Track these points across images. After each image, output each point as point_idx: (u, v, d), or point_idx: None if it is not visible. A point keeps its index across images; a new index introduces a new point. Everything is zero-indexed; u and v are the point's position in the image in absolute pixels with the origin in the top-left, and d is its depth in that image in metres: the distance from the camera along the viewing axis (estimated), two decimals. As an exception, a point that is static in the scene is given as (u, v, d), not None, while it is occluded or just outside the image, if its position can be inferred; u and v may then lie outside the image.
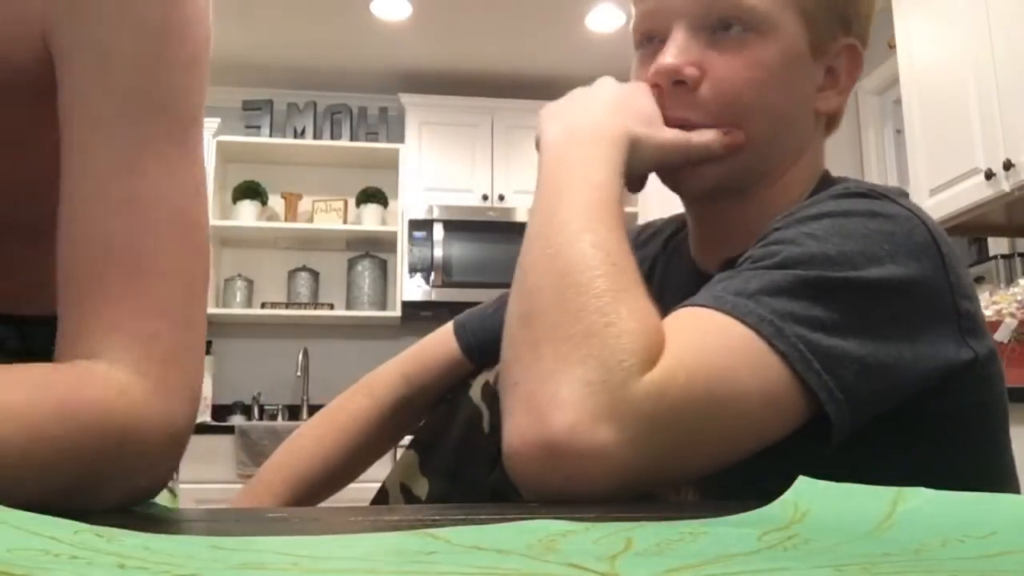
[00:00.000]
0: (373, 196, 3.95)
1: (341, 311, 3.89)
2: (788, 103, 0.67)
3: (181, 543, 0.25)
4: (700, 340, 0.52)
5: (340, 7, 3.40)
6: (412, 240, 3.78)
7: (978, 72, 2.27)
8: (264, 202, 3.90)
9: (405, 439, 0.91)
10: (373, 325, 3.95)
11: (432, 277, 3.76)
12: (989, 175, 2.21)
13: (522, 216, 3.79)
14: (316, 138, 4.01)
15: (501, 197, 3.92)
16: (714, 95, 0.65)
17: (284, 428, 3.26)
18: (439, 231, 3.80)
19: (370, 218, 3.94)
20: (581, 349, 0.50)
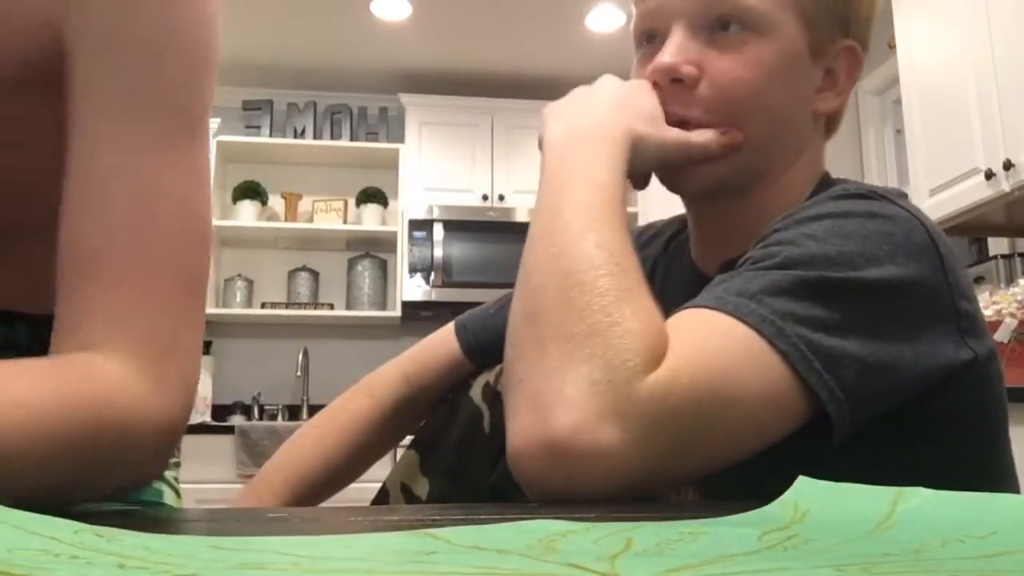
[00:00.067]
0: (373, 196, 3.95)
1: (341, 311, 3.89)
2: (786, 103, 0.67)
3: (181, 543, 0.25)
4: (703, 341, 0.52)
5: (340, 7, 3.41)
6: (412, 240, 3.78)
7: (978, 72, 2.27)
8: (264, 202, 3.90)
9: (406, 439, 0.91)
10: (373, 325, 3.95)
11: (432, 277, 3.76)
12: (989, 175, 2.21)
13: (522, 216, 3.79)
14: (316, 138, 4.01)
15: (501, 197, 3.92)
16: (712, 94, 0.65)
17: (284, 428, 3.26)
18: (439, 231, 3.80)
19: (370, 218, 3.94)
20: (585, 348, 0.50)
